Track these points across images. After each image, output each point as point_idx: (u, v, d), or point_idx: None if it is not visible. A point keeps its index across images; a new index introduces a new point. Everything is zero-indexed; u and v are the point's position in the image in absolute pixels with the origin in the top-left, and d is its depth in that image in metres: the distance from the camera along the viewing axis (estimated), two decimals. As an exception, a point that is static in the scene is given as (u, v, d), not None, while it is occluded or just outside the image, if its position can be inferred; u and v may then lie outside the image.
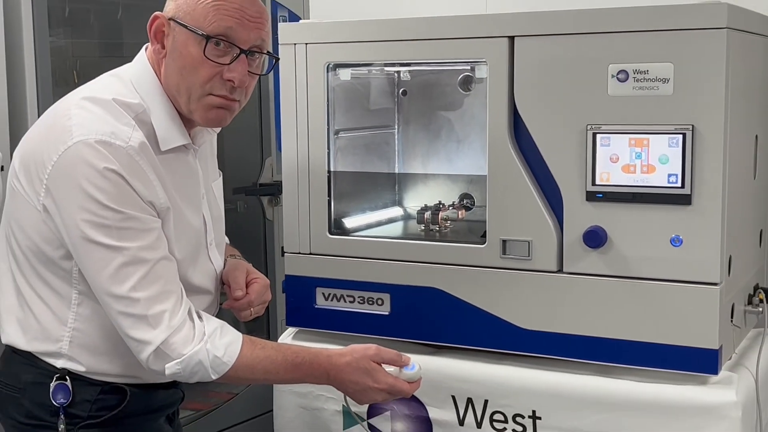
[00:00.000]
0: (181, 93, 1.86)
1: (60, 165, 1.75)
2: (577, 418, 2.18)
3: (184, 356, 1.79)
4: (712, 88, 2.04)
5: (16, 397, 1.91)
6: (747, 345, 2.38)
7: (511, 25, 2.23)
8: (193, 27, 1.81)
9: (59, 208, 1.77)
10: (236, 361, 1.83)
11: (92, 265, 1.77)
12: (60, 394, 1.86)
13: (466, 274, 2.32)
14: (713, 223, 2.07)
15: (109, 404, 1.90)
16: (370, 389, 1.94)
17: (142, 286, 1.77)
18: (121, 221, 1.75)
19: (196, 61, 1.82)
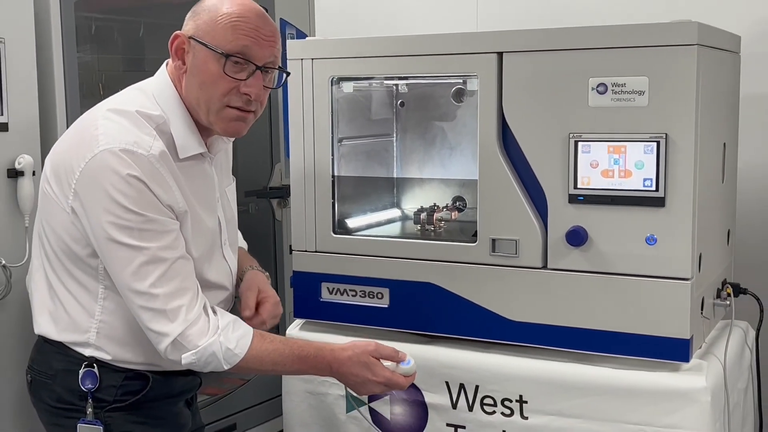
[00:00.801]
0: (201, 106, 1.87)
1: (87, 171, 1.77)
2: (560, 401, 2.19)
3: (199, 348, 1.80)
4: (684, 100, 2.04)
5: (48, 384, 1.93)
6: (716, 335, 2.38)
7: (500, 42, 2.23)
8: (212, 46, 1.82)
9: (86, 211, 1.78)
10: (247, 353, 1.84)
11: (116, 263, 1.79)
12: (88, 380, 1.87)
13: (459, 270, 2.33)
14: (685, 223, 2.08)
15: (132, 389, 1.92)
16: (369, 382, 1.95)
17: (161, 283, 1.78)
18: (142, 223, 1.76)
19: (216, 76, 1.83)
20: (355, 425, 2.42)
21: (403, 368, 1.97)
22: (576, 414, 2.17)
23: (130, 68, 3.10)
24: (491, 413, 2.27)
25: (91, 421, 1.88)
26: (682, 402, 2.07)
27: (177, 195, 1.84)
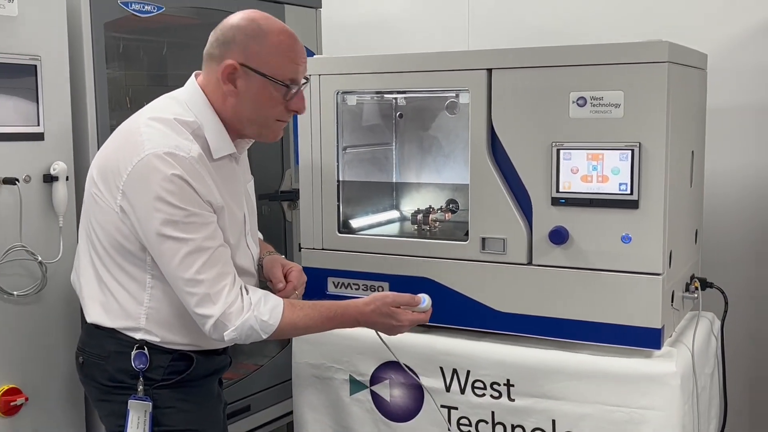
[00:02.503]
0: (253, 122, 1.92)
1: (135, 173, 1.79)
2: (544, 385, 2.18)
3: (237, 325, 1.81)
4: (656, 112, 2.04)
5: (100, 364, 1.94)
6: (684, 325, 2.39)
7: (489, 60, 2.23)
8: (272, 76, 1.86)
9: (134, 209, 1.80)
10: (281, 322, 1.86)
11: (164, 254, 1.80)
12: (139, 360, 1.89)
13: (452, 266, 2.32)
14: (657, 223, 2.08)
15: (178, 369, 1.94)
16: (396, 327, 1.99)
17: (205, 270, 1.80)
18: (186, 217, 1.78)
19: (275, 101, 1.89)
20: (357, 406, 2.42)
21: (422, 307, 2.01)
22: (558, 396, 2.17)
23: (154, 83, 3.10)
24: (481, 396, 2.27)
25: (141, 398, 1.90)
26: (654, 385, 2.07)
27: (214, 191, 1.85)
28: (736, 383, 2.90)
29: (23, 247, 2.24)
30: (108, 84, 2.52)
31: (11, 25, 2.20)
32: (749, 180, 2.95)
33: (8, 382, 2.24)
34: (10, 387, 2.23)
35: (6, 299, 2.22)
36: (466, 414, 2.29)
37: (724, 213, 2.97)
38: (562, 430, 2.18)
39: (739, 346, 2.94)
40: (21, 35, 2.23)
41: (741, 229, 2.98)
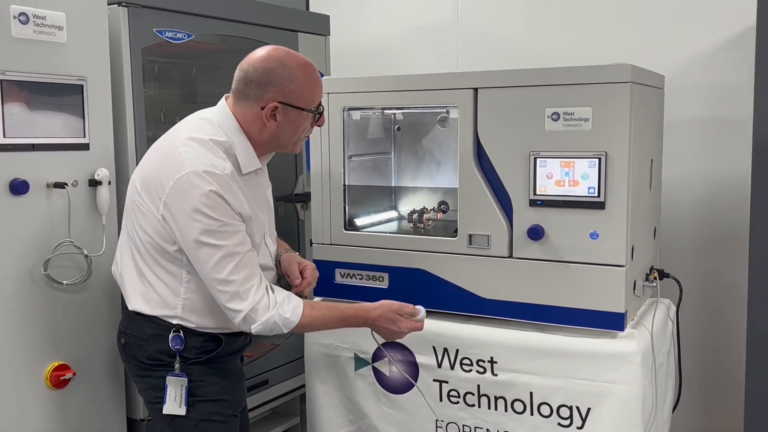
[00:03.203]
0: (289, 144, 1.97)
1: (176, 187, 1.80)
2: (523, 362, 2.19)
3: (263, 320, 1.85)
4: (620, 125, 2.05)
5: (141, 345, 1.96)
6: (645, 310, 2.39)
7: (475, 80, 2.24)
8: (305, 107, 1.91)
9: (175, 218, 1.82)
10: (300, 320, 1.89)
11: (200, 258, 1.82)
12: (176, 342, 1.92)
13: (443, 259, 2.32)
14: (620, 222, 2.08)
15: (209, 348, 1.96)
16: (395, 332, 2.03)
17: (236, 272, 1.82)
18: (220, 227, 1.80)
19: (307, 124, 1.95)
20: (361, 380, 2.43)
21: (419, 317, 2.05)
22: (535, 372, 2.17)
23: (185, 100, 3.10)
24: (468, 371, 2.27)
25: (178, 374, 1.93)
26: (618, 362, 2.08)
27: (244, 203, 1.87)
28: (689, 360, 2.90)
29: (71, 243, 2.24)
30: (144, 101, 2.52)
31: (61, 51, 2.21)
32: (701, 184, 2.95)
33: (58, 359, 2.25)
34: (60, 363, 2.24)
35: (56, 287, 2.23)
36: (455, 387, 2.29)
37: (679, 213, 2.98)
38: (538, 401, 2.18)
39: (692, 328, 2.94)
40: (69, 59, 2.23)
41: (693, 227, 2.98)
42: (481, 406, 2.26)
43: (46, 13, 2.17)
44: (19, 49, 2.11)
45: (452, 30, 3.41)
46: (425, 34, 3.48)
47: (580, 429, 2.13)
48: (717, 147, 2.90)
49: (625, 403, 2.07)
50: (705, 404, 3.01)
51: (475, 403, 2.26)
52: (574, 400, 2.13)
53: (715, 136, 2.90)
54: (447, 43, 3.42)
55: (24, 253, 2.16)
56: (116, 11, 2.40)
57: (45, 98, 2.17)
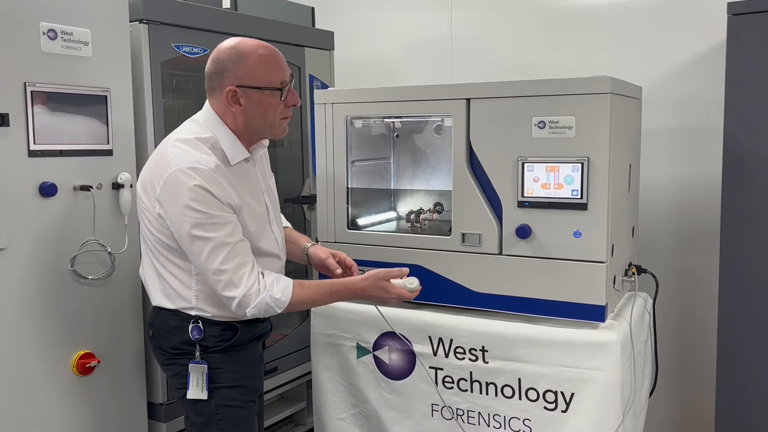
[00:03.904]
0: (263, 127, 1.90)
1: (165, 186, 1.79)
2: (512, 350, 2.19)
3: (256, 303, 1.82)
4: (601, 133, 2.04)
5: (166, 336, 1.95)
6: (624, 303, 2.39)
7: (468, 91, 2.23)
8: (265, 86, 1.83)
9: (168, 214, 1.80)
10: (291, 299, 1.87)
11: (194, 251, 1.80)
12: (195, 332, 1.90)
13: (439, 255, 2.32)
14: (601, 222, 2.08)
15: (227, 337, 1.94)
16: (386, 298, 1.98)
17: (227, 261, 1.79)
18: (208, 219, 1.77)
19: (274, 104, 1.86)
20: (363, 367, 2.42)
21: (409, 286, 2.00)
22: (524, 359, 2.17)
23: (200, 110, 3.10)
24: (461, 359, 2.27)
25: (199, 361, 1.91)
26: (599, 350, 2.08)
27: (232, 194, 1.84)
28: (665, 349, 2.90)
29: (96, 241, 2.24)
30: (163, 111, 2.52)
31: (86, 64, 2.21)
32: (676, 187, 2.95)
33: (84, 348, 2.25)
34: (85, 352, 2.24)
35: (82, 282, 2.23)
36: (450, 374, 2.29)
37: (655, 213, 2.97)
38: (526, 386, 2.18)
39: (667, 319, 2.94)
40: (94, 72, 2.23)
41: (669, 227, 2.98)
42: (473, 391, 2.25)
43: (73, 30, 2.17)
44: (48, 62, 2.11)
45: (447, 45, 3.41)
46: (422, 49, 3.48)
47: (564, 412, 2.13)
48: (690, 153, 2.89)
49: (605, 388, 2.07)
50: (679, 389, 3.00)
51: (467, 389, 2.26)
52: (559, 386, 2.13)
53: (688, 142, 2.90)
54: (442, 58, 3.42)
55: (52, 251, 2.15)
56: (138, 28, 2.40)
57: (72, 108, 2.17)
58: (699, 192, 2.89)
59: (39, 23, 2.09)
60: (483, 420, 2.25)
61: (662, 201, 2.97)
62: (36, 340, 2.13)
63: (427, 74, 3.43)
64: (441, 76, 3.39)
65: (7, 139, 2.03)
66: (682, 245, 2.97)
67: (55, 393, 2.18)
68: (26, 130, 2.07)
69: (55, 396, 2.18)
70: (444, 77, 3.38)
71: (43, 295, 2.14)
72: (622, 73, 2.29)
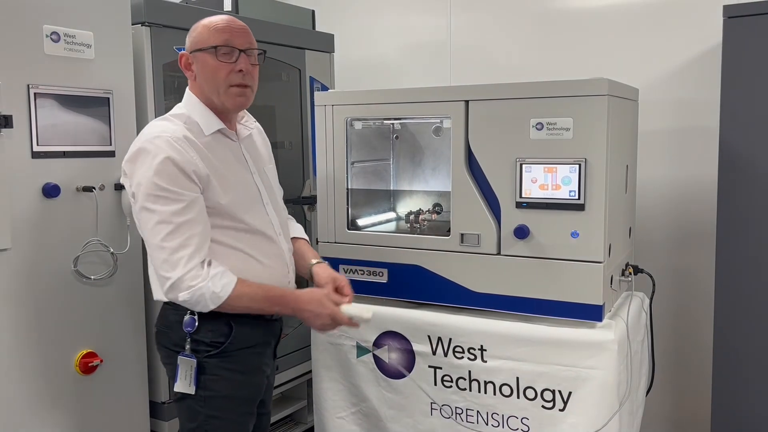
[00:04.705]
0: (213, 93, 1.85)
1: (130, 157, 1.78)
2: (510, 349, 2.19)
3: (191, 289, 1.72)
4: (598, 134, 2.04)
5: (166, 333, 1.89)
6: (621, 302, 2.39)
7: (467, 93, 2.23)
8: (203, 47, 1.83)
9: (131, 188, 1.77)
10: (230, 295, 1.75)
11: (141, 223, 1.77)
12: (189, 325, 1.82)
13: (437, 255, 2.32)
14: (599, 222, 2.08)
15: (224, 332, 1.83)
16: (318, 315, 1.84)
17: (168, 239, 1.71)
18: (160, 191, 1.72)
19: (214, 66, 1.83)
20: (363, 366, 2.42)
21: (364, 315, 1.85)
22: (522, 358, 2.17)
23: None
24: (460, 358, 2.27)
25: (188, 355, 1.82)
26: (597, 349, 2.08)
27: (198, 163, 1.76)
28: (661, 348, 2.90)
29: (98, 241, 2.24)
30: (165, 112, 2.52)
31: (89, 66, 2.21)
32: (672, 188, 2.95)
33: (87, 347, 2.25)
34: (88, 351, 2.24)
35: (85, 282, 2.23)
36: (449, 372, 2.29)
37: (652, 214, 2.98)
38: (524, 385, 2.18)
39: (664, 319, 2.94)
40: (97, 74, 2.23)
41: (665, 227, 2.98)
42: (471, 390, 2.25)
43: (76, 32, 2.17)
44: (51, 64, 2.11)
45: (446, 48, 3.41)
46: (421, 52, 3.48)
47: (561, 411, 2.13)
48: (686, 154, 2.90)
49: (603, 387, 2.07)
50: (676, 388, 3.01)
51: (466, 387, 2.26)
52: (556, 385, 2.13)
53: (684, 144, 2.90)
54: (441, 60, 3.42)
55: (55, 251, 2.15)
56: (140, 30, 2.40)
57: (74, 109, 2.17)
58: (695, 193, 2.89)
59: (42, 26, 2.09)
60: (481, 418, 2.25)
61: (659, 201, 2.97)
62: (39, 339, 2.13)
63: (427, 76, 3.43)
64: (440, 78, 3.39)
65: (11, 141, 2.03)
66: (678, 245, 2.97)
67: (57, 392, 2.18)
68: (30, 132, 2.07)
69: (57, 395, 2.18)
70: (443, 79, 3.39)
71: (46, 295, 2.14)
72: (618, 75, 2.29)
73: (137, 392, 2.41)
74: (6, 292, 2.04)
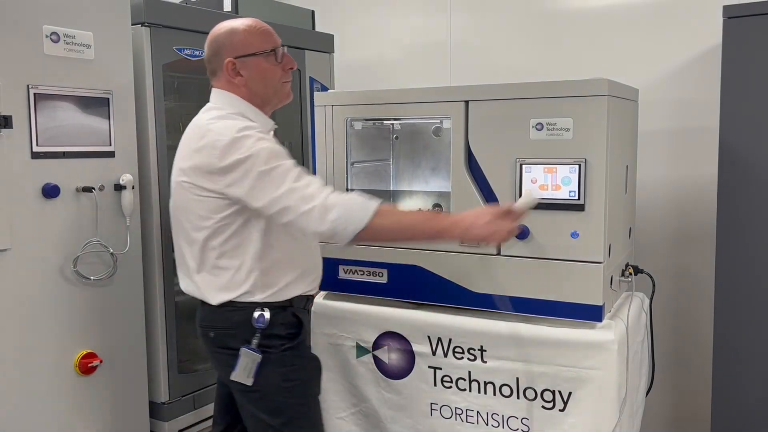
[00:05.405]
0: (269, 94, 1.90)
1: (225, 150, 1.74)
2: (510, 350, 2.18)
3: (341, 205, 1.72)
4: (598, 135, 2.04)
5: (232, 334, 1.85)
6: (620, 303, 2.38)
7: (466, 94, 2.23)
8: (256, 51, 1.86)
9: (236, 174, 1.73)
10: (377, 209, 1.76)
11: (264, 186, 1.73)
12: (260, 320, 1.82)
13: (437, 256, 2.31)
14: (599, 223, 2.07)
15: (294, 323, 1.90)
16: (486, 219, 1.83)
17: (297, 180, 1.73)
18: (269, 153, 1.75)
19: (269, 69, 1.89)
20: (362, 367, 2.42)
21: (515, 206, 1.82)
22: (522, 359, 2.17)
23: (202, 112, 3.10)
24: (460, 358, 2.26)
25: (254, 349, 1.81)
26: (597, 350, 2.07)
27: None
28: (661, 348, 2.90)
29: (98, 242, 2.24)
30: (165, 112, 2.52)
31: (89, 67, 2.21)
32: (672, 188, 2.95)
33: (86, 347, 2.25)
34: (88, 352, 2.24)
35: (85, 282, 2.23)
36: (448, 373, 2.28)
37: (652, 214, 2.97)
38: (524, 385, 2.18)
39: (663, 319, 2.94)
40: (97, 74, 2.23)
41: (665, 228, 2.98)
42: (471, 390, 2.25)
43: (76, 33, 2.16)
44: (51, 65, 2.11)
45: (445, 48, 3.41)
46: (421, 52, 3.48)
47: (561, 411, 2.12)
48: (686, 154, 2.89)
49: (602, 387, 2.07)
50: (676, 388, 3.00)
51: (466, 388, 2.26)
52: (556, 385, 2.12)
53: (684, 144, 2.89)
54: (441, 61, 3.42)
55: (55, 251, 2.15)
56: (139, 31, 2.40)
57: (74, 110, 2.17)
58: (695, 193, 2.89)
59: (42, 26, 2.08)
60: (481, 419, 2.25)
61: (659, 202, 2.96)
62: (39, 339, 2.13)
63: (426, 77, 3.43)
64: (440, 78, 3.39)
65: (11, 141, 2.02)
66: (678, 246, 2.96)
67: (57, 392, 2.18)
68: (29, 132, 2.07)
69: (57, 395, 2.18)
70: (443, 79, 3.38)
71: (46, 296, 2.14)
72: (618, 75, 2.28)
73: (137, 392, 2.41)
74: (6, 292, 2.04)
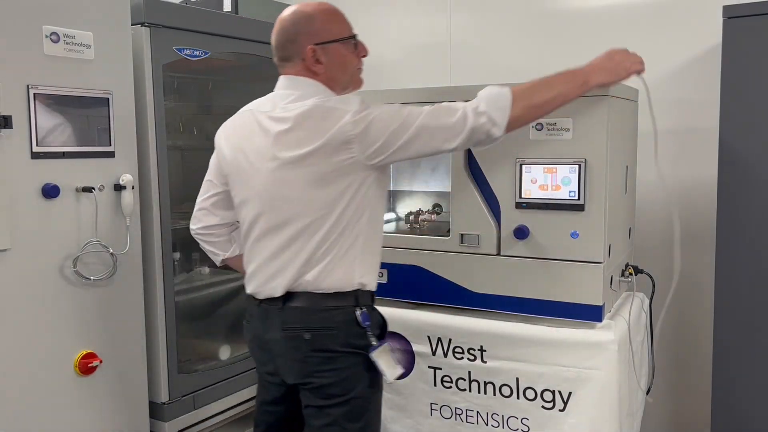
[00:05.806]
0: (346, 80, 1.86)
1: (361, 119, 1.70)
2: (510, 350, 2.18)
3: (483, 96, 1.79)
4: (598, 135, 2.04)
5: (332, 334, 1.77)
6: (621, 303, 2.38)
7: (466, 94, 2.20)
8: (338, 38, 1.81)
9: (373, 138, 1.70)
10: (515, 88, 1.80)
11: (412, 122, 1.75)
12: (364, 318, 1.79)
13: (437, 256, 2.31)
14: (598, 223, 2.07)
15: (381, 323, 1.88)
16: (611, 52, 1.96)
17: (435, 107, 1.78)
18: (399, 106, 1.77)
19: (348, 55, 1.84)
20: (363, 367, 2.42)
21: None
22: (522, 359, 2.16)
23: (201, 112, 3.09)
24: (460, 359, 2.26)
25: (378, 345, 1.77)
26: (597, 350, 2.07)
27: None
28: (661, 348, 2.90)
29: (98, 242, 2.24)
30: (165, 113, 2.52)
31: (89, 67, 2.20)
32: (672, 188, 2.94)
33: (86, 348, 2.24)
34: (87, 352, 2.24)
35: (85, 282, 2.22)
36: (448, 373, 2.28)
37: (652, 214, 2.97)
38: (524, 386, 2.17)
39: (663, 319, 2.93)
40: (97, 74, 2.23)
41: (665, 227, 2.97)
42: (471, 391, 2.25)
43: (75, 33, 2.16)
44: (50, 65, 2.10)
45: (446, 48, 3.41)
46: (421, 53, 3.48)
47: (562, 411, 2.12)
48: (686, 155, 2.89)
49: (603, 387, 2.06)
50: (676, 389, 3.00)
51: (466, 388, 2.26)
52: (556, 385, 2.12)
53: (684, 144, 2.89)
54: (441, 61, 3.41)
55: (55, 252, 2.15)
56: (139, 31, 2.40)
57: (74, 110, 2.17)
58: (695, 193, 2.88)
59: (42, 26, 2.08)
60: (481, 419, 2.24)
61: (659, 202, 2.96)
62: (38, 340, 2.12)
63: (426, 77, 3.42)
64: (440, 78, 3.39)
65: (10, 141, 2.02)
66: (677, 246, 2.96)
67: (57, 393, 2.17)
68: (29, 132, 2.06)
69: (57, 396, 2.17)
70: (443, 80, 3.38)
71: (45, 296, 2.13)
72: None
73: (137, 393, 2.41)
74: (5, 292, 2.04)
